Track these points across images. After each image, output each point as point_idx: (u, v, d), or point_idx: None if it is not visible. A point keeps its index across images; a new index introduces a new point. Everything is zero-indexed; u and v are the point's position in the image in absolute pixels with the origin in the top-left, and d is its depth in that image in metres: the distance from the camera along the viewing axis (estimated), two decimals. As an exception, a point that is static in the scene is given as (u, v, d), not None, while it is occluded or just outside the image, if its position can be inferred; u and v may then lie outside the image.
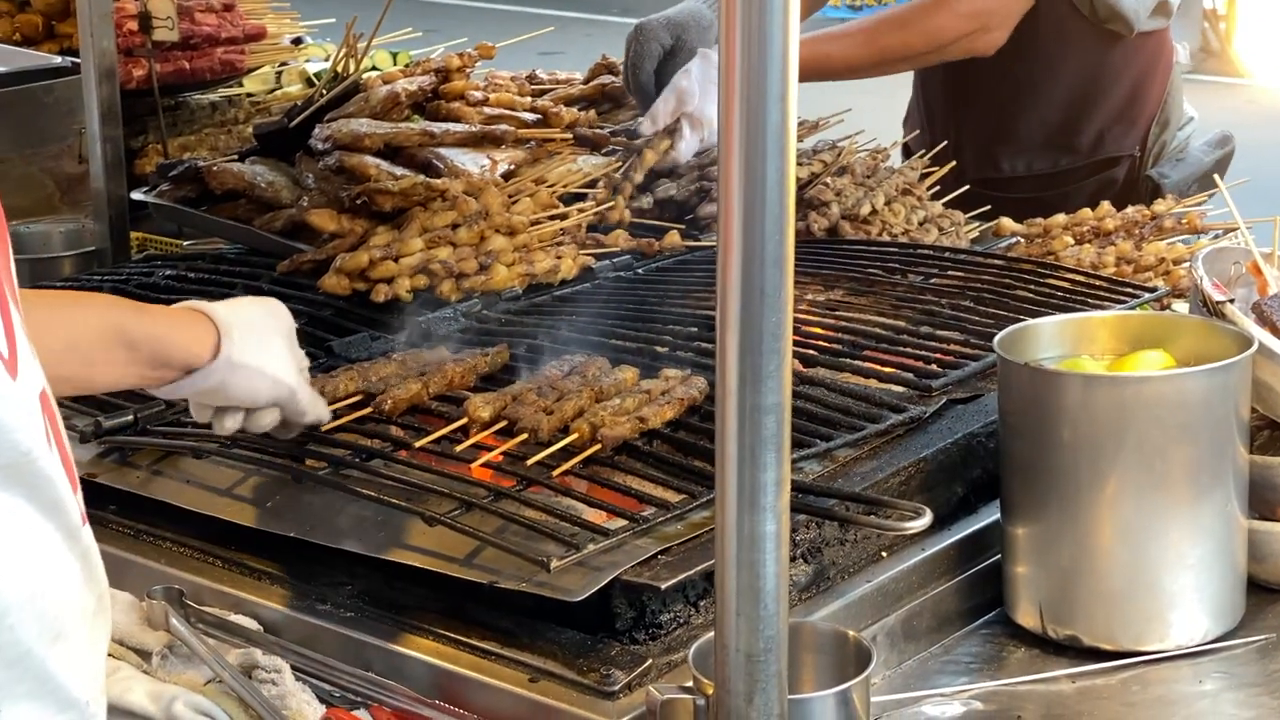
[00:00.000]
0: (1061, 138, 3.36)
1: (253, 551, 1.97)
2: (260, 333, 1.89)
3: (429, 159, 2.86)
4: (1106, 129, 3.35)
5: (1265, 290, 2.10)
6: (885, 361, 2.31)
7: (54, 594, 1.24)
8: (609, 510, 1.86)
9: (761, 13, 1.27)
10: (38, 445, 1.22)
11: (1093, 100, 3.33)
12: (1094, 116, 3.34)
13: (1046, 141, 3.37)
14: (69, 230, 3.23)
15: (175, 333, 1.84)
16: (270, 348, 1.90)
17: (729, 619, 1.38)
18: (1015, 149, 3.38)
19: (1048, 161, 3.37)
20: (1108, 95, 3.33)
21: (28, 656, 1.21)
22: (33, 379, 1.25)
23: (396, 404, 2.10)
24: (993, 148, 3.39)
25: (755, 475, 1.35)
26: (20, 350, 1.24)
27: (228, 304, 1.92)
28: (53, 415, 1.28)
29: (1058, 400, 1.83)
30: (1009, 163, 3.39)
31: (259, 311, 1.93)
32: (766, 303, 1.32)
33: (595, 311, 2.52)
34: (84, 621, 1.28)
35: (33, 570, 1.22)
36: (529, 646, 1.76)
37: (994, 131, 3.39)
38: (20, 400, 1.22)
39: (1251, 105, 9.61)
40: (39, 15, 4.15)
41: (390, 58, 4.28)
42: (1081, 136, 3.35)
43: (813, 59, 3.10)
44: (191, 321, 1.86)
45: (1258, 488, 1.94)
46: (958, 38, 3.13)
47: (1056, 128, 3.36)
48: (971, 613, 1.94)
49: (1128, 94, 3.34)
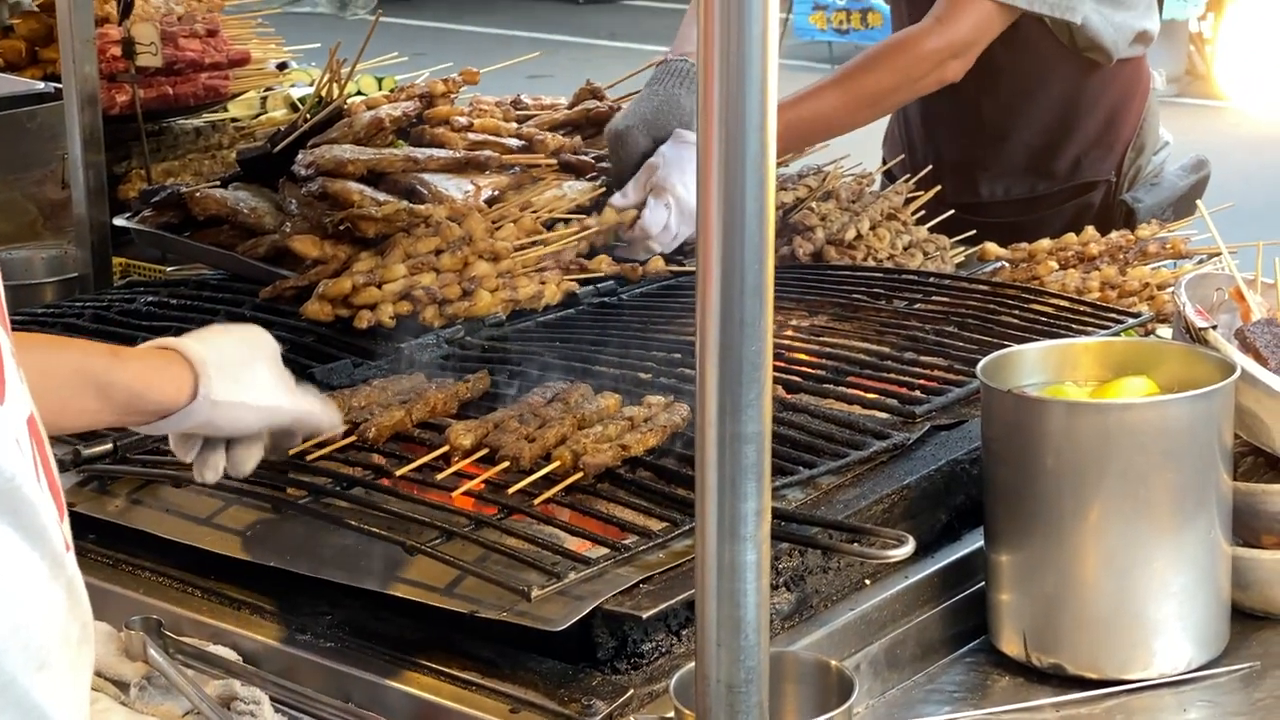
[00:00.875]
0: (1039, 163, 3.37)
1: (232, 581, 1.96)
2: (239, 364, 1.85)
3: (413, 185, 2.86)
4: (1084, 154, 3.36)
5: (1248, 316, 2.10)
6: (869, 387, 2.31)
7: (38, 623, 1.23)
8: (591, 539, 1.85)
9: (740, 42, 1.26)
10: (23, 472, 1.21)
11: (1070, 126, 3.34)
12: (1071, 142, 3.35)
13: (1025, 167, 3.38)
14: (51, 256, 3.23)
15: (150, 377, 1.80)
16: (251, 377, 1.86)
17: (709, 650, 1.38)
18: (994, 174, 3.39)
19: (1025, 186, 3.38)
20: (1085, 121, 3.33)
21: (11, 685, 1.21)
22: (21, 405, 1.25)
23: (381, 431, 2.09)
24: (972, 173, 3.40)
25: (735, 505, 1.34)
26: (9, 375, 1.23)
27: (203, 338, 1.87)
28: (41, 442, 1.28)
29: (1041, 427, 1.82)
30: (988, 187, 3.40)
31: (235, 341, 1.89)
32: (746, 331, 1.31)
33: (578, 338, 2.51)
34: (68, 650, 1.27)
35: (17, 599, 1.22)
36: (510, 676, 1.75)
37: (973, 157, 3.39)
38: (7, 426, 1.21)
39: (1236, 129, 9.63)
40: (22, 41, 4.15)
41: (375, 83, 4.28)
42: (1059, 162, 3.36)
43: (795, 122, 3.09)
44: (166, 363, 1.82)
45: (1241, 514, 1.93)
46: (928, 71, 3.13)
47: (1035, 153, 3.37)
48: (955, 641, 1.94)
49: (1105, 119, 3.35)
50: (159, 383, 1.80)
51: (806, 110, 3.15)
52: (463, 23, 17.04)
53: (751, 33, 1.26)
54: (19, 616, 1.21)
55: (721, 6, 1.26)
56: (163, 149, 3.80)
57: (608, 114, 3.35)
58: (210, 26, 3.94)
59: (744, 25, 1.26)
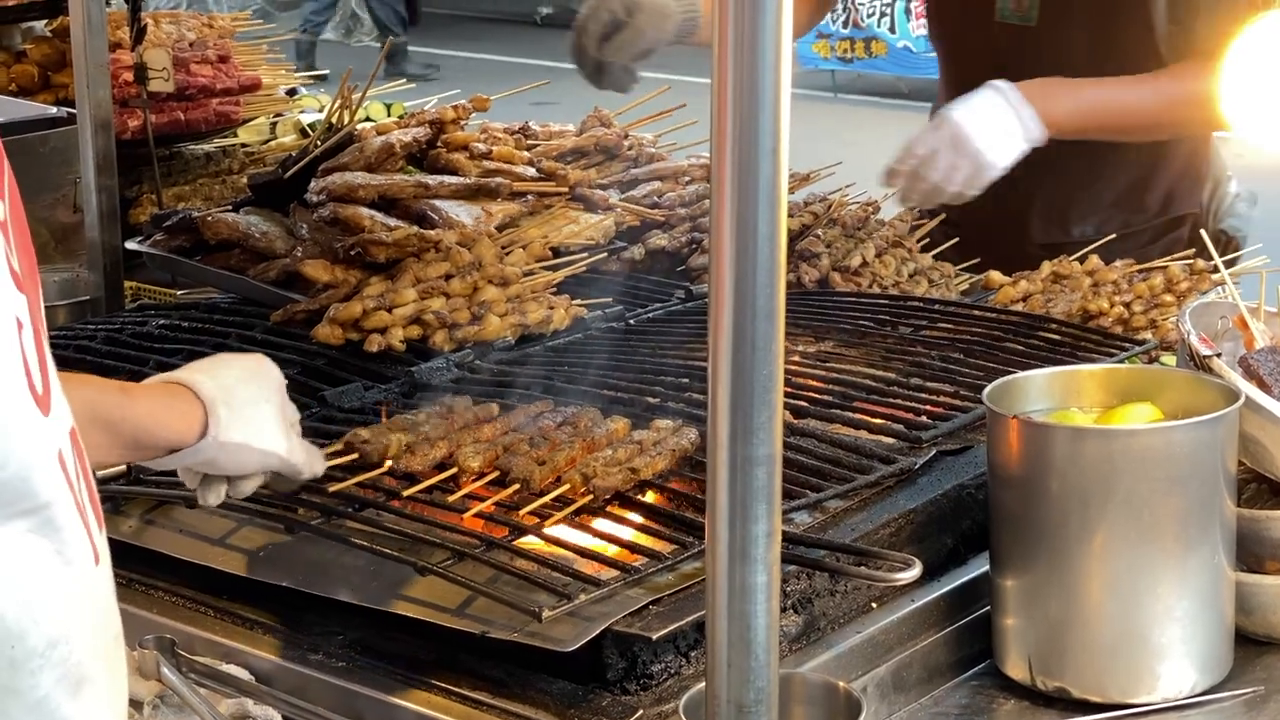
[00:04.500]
0: (1131, 199, 3.30)
1: (245, 601, 1.98)
2: (248, 404, 1.85)
3: (423, 210, 2.88)
4: (1174, 186, 3.30)
5: (1252, 345, 2.11)
6: (875, 413, 2.32)
7: (73, 640, 1.24)
8: (600, 560, 1.87)
9: (753, 66, 1.28)
10: (60, 496, 1.23)
11: (1161, 159, 3.28)
12: (1162, 175, 3.29)
13: (1116, 203, 3.30)
14: (63, 279, 3.25)
15: (159, 414, 1.80)
16: (258, 418, 1.86)
17: (720, 670, 1.39)
18: (1084, 212, 3.30)
19: (1117, 223, 3.28)
20: (1174, 153, 3.28)
21: (46, 701, 1.22)
22: (64, 417, 1.27)
23: None
24: (1064, 212, 3.31)
25: (746, 527, 1.35)
26: (53, 389, 1.25)
27: (213, 371, 1.87)
28: (81, 454, 1.29)
29: (1046, 452, 1.84)
30: (1079, 227, 3.31)
31: (246, 376, 1.88)
32: (758, 355, 1.33)
33: (587, 362, 2.53)
34: (103, 666, 1.29)
35: (52, 616, 1.23)
36: (520, 697, 1.76)
37: (1064, 196, 3.30)
38: (50, 438, 1.23)
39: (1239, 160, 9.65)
40: (35, 66, 4.18)
41: (384, 109, 4.31)
42: (1151, 196, 3.30)
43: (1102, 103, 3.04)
44: (176, 400, 1.82)
45: (1245, 540, 1.95)
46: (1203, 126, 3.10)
47: (1126, 189, 3.29)
48: (961, 664, 1.95)
49: (1190, 150, 3.30)
50: (169, 420, 1.81)
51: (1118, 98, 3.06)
52: (466, 49, 17.09)
53: (765, 59, 1.28)
54: (54, 633, 1.22)
55: (735, 31, 1.28)
56: (174, 174, 3.83)
57: (616, 141, 3.37)
58: (222, 53, 3.97)
59: (757, 50, 1.28)
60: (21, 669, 1.20)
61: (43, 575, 1.21)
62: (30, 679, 1.20)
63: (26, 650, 1.20)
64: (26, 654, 1.20)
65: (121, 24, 3.70)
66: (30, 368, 1.22)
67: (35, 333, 1.25)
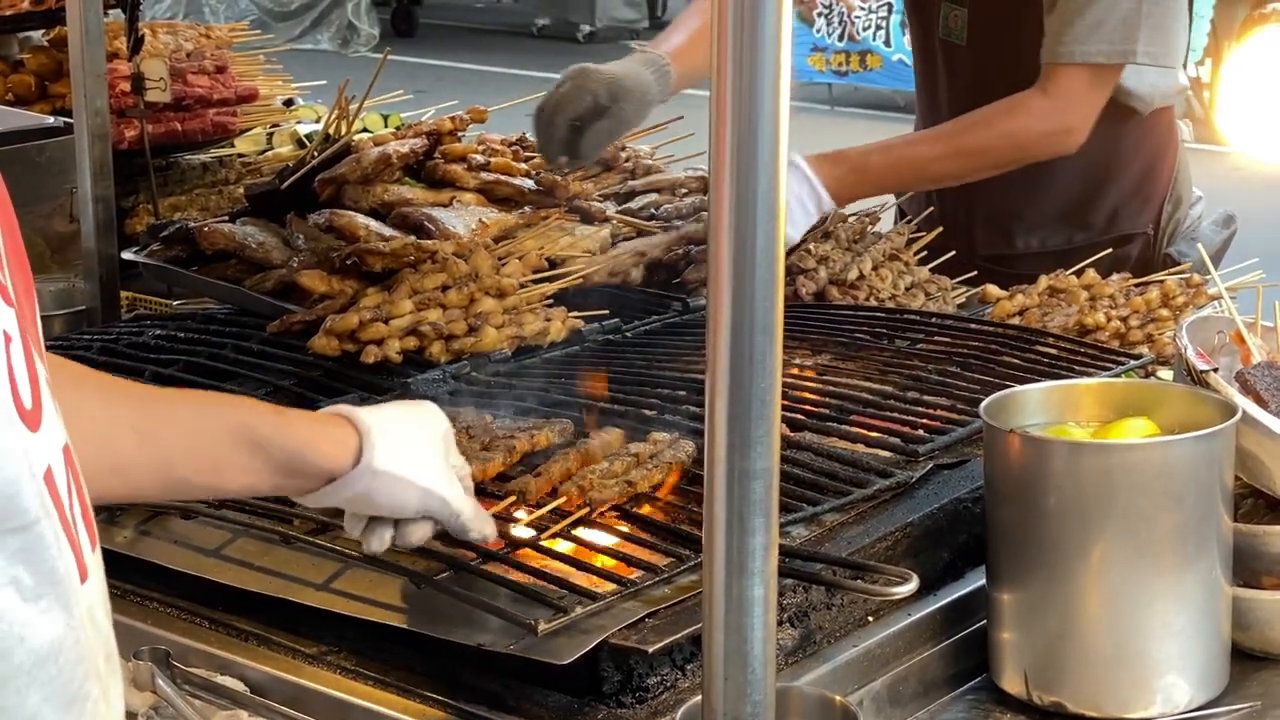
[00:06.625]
0: (1076, 214, 3.32)
1: (240, 612, 1.97)
2: (406, 438, 1.78)
3: (420, 220, 2.88)
4: (1121, 205, 3.31)
5: (1248, 359, 2.11)
6: (872, 426, 2.32)
7: (61, 658, 1.23)
8: (597, 573, 1.86)
9: (752, 80, 1.28)
10: (46, 514, 1.21)
11: (1107, 176, 3.29)
12: (1109, 192, 3.30)
13: (1061, 217, 3.32)
14: (59, 289, 3.24)
15: (315, 439, 1.75)
16: (418, 454, 1.78)
17: (716, 683, 1.38)
18: (1029, 225, 3.33)
19: (1062, 238, 3.31)
20: (1122, 171, 3.29)
21: (35, 719, 1.21)
22: (56, 434, 1.26)
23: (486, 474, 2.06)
24: (1006, 223, 3.34)
25: (744, 540, 1.35)
26: (44, 404, 1.24)
27: (374, 408, 1.84)
28: (75, 471, 1.28)
29: (1044, 467, 1.84)
30: (1023, 239, 3.34)
31: (407, 416, 1.83)
32: (755, 368, 1.33)
33: (583, 374, 2.53)
34: (95, 683, 1.28)
35: (38, 635, 1.22)
36: (516, 710, 1.76)
37: (1007, 207, 3.33)
38: (39, 455, 1.21)
39: (1237, 173, 9.67)
40: (32, 76, 4.18)
41: (381, 120, 4.31)
42: (1096, 213, 3.31)
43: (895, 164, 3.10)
44: (332, 425, 1.77)
45: (1242, 555, 1.94)
46: (1039, 139, 3.08)
47: (1071, 204, 3.31)
48: (957, 678, 1.95)
49: (1142, 170, 3.31)
50: (323, 445, 1.75)
51: (907, 156, 3.13)
52: (463, 60, 17.11)
53: (764, 71, 1.28)
54: (39, 651, 1.21)
55: (734, 43, 1.28)
56: (170, 184, 3.82)
57: (613, 153, 3.38)
58: (219, 63, 3.97)
59: (756, 62, 1.28)
60: (7, 687, 1.19)
61: (27, 594, 1.20)
62: (17, 697, 1.19)
63: (12, 668, 1.19)
64: (13, 671, 1.19)
65: (119, 34, 3.70)
66: (18, 382, 1.20)
67: (25, 346, 1.24)
